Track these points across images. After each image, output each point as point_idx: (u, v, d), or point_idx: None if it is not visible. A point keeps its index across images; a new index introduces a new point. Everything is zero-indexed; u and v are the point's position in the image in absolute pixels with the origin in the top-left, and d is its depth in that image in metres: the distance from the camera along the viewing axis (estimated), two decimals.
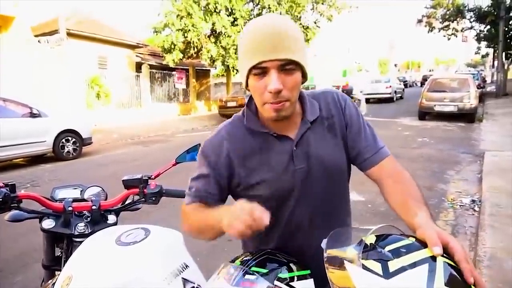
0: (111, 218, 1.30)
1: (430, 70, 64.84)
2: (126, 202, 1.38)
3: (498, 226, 3.16)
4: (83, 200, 1.32)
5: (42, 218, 1.24)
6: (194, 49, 15.15)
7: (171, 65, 15.16)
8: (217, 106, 16.18)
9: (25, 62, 10.62)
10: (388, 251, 0.59)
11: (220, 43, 15.01)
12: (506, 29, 19.17)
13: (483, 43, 23.41)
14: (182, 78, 17.84)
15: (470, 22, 22.36)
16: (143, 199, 1.36)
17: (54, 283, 0.91)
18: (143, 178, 1.37)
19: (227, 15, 14.78)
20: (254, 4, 16.29)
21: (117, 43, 14.95)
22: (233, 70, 16.41)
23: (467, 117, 11.11)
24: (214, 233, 0.86)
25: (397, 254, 0.58)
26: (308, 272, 0.83)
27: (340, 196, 1.02)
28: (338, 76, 29.67)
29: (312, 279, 0.81)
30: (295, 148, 0.93)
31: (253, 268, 0.78)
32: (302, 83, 0.90)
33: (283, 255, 0.86)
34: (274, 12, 15.17)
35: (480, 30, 21.99)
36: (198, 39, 14.71)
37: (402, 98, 21.90)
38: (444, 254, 0.58)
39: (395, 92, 20.68)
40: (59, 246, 1.31)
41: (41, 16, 14.96)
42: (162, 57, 15.62)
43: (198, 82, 19.93)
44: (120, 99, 14.70)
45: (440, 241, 0.59)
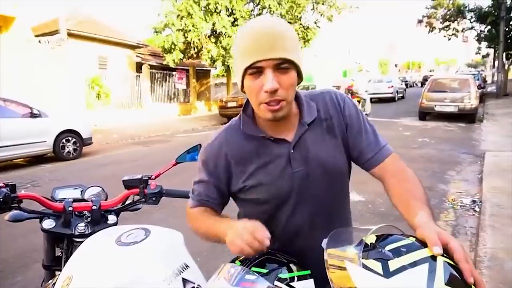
0: (111, 218, 1.30)
1: (430, 71, 64.80)
2: (127, 202, 1.38)
3: (498, 227, 3.16)
4: (84, 200, 1.32)
5: (42, 218, 1.24)
6: (194, 49, 15.14)
7: (172, 65, 15.16)
8: (217, 106, 16.16)
9: (25, 62, 10.63)
10: (388, 251, 0.59)
11: (220, 43, 15.01)
12: (507, 29, 19.18)
13: (484, 44, 23.45)
14: (182, 78, 17.85)
15: (471, 22, 22.43)
16: (143, 200, 1.36)
17: (54, 283, 0.91)
18: (143, 178, 1.37)
19: (228, 15, 14.77)
20: (254, 4, 16.27)
21: (117, 43, 14.96)
22: (233, 70, 16.34)
23: (468, 117, 11.10)
24: (218, 241, 0.91)
25: (397, 253, 0.58)
26: (308, 272, 0.83)
27: (340, 196, 1.02)
28: (339, 76, 29.66)
29: (312, 279, 0.81)
30: (292, 150, 0.93)
31: (253, 268, 0.78)
32: (298, 84, 0.89)
33: (283, 255, 0.86)
34: (274, 12, 15.18)
35: (480, 31, 22.03)
36: (199, 39, 14.70)
37: (403, 98, 21.97)
38: (444, 254, 0.57)
39: (397, 92, 20.75)
40: (60, 246, 1.31)
41: (41, 16, 15.00)
42: (163, 57, 15.61)
43: (199, 82, 19.93)
44: (120, 99, 14.71)
45: (439, 241, 0.59)
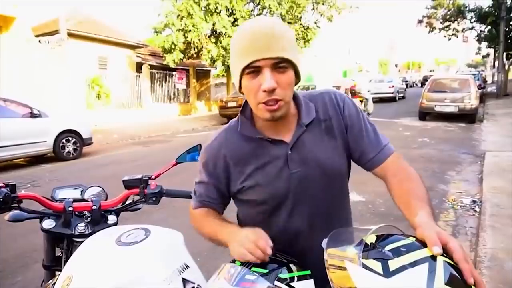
0: (112, 218, 1.30)
1: (430, 71, 64.77)
2: (127, 203, 1.38)
3: (498, 227, 3.16)
4: (84, 200, 1.32)
5: (42, 218, 1.24)
6: (194, 49, 15.14)
7: (172, 65, 15.16)
8: (217, 106, 16.16)
9: (25, 62, 10.63)
10: (388, 251, 0.59)
11: (220, 44, 15.01)
12: (507, 29, 19.18)
13: (484, 44, 23.44)
14: (182, 78, 17.85)
15: (471, 22, 22.43)
16: (144, 200, 1.36)
17: (54, 283, 0.91)
18: (144, 178, 1.37)
19: (228, 16, 14.77)
20: (254, 4, 16.27)
21: (117, 43, 14.97)
22: (231, 71, 16.36)
23: (468, 117, 11.10)
24: (221, 245, 0.93)
25: (397, 253, 0.58)
26: (308, 272, 0.83)
27: (339, 197, 1.02)
28: (339, 76, 29.66)
29: (312, 280, 0.81)
30: (290, 152, 0.93)
31: (253, 268, 0.78)
32: (296, 84, 0.89)
33: (283, 255, 0.86)
34: (274, 12, 15.18)
35: (480, 31, 22.02)
36: (199, 40, 14.70)
37: (404, 97, 22.03)
38: (444, 254, 0.58)
39: (398, 91, 20.82)
40: (60, 246, 1.31)
41: (41, 16, 15.00)
42: (163, 57, 15.61)
43: (199, 82, 19.92)
44: (120, 100, 14.71)
45: (439, 240, 0.59)
